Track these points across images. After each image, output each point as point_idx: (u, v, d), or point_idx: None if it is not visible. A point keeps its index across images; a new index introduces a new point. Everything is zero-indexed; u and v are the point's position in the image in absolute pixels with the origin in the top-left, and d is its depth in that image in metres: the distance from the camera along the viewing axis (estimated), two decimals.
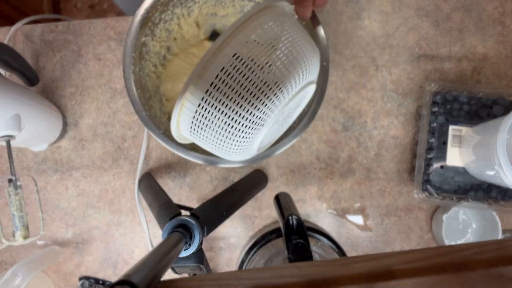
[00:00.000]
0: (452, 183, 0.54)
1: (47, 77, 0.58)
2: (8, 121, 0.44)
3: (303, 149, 0.58)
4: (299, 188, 0.59)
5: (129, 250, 0.59)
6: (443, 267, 0.16)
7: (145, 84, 0.48)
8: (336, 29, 0.59)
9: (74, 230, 0.59)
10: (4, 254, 0.59)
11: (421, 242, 0.59)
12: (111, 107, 0.58)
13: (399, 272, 0.16)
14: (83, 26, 0.58)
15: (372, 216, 0.59)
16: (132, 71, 0.44)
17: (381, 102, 0.58)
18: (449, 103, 0.55)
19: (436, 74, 0.58)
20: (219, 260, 0.59)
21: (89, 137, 0.58)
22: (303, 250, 0.37)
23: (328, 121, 0.58)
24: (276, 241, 0.54)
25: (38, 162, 0.58)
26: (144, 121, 0.45)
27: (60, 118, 0.56)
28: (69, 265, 0.59)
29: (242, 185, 0.51)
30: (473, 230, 0.58)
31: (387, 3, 0.59)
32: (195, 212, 0.37)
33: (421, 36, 0.58)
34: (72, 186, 0.59)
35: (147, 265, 0.21)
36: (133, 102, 0.44)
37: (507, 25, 0.58)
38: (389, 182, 0.58)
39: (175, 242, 0.30)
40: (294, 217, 0.39)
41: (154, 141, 0.58)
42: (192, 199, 0.59)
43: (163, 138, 0.44)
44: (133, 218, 0.59)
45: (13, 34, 0.58)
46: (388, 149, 0.58)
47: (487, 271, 0.16)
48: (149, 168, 0.59)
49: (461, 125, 0.54)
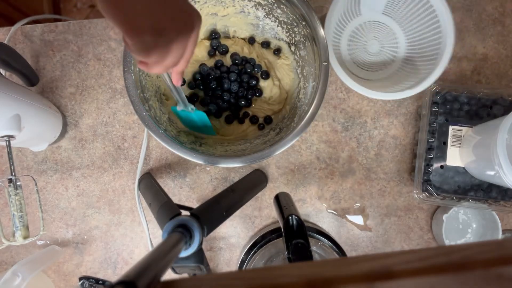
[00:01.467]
0: (452, 183, 0.54)
1: (47, 77, 0.58)
2: (8, 121, 0.44)
3: (303, 149, 0.58)
4: (299, 188, 0.59)
5: (129, 250, 0.59)
6: (443, 267, 0.16)
7: (145, 84, 0.48)
8: None
9: (74, 230, 0.59)
10: (4, 254, 0.59)
11: (421, 242, 0.59)
12: (111, 107, 0.58)
13: (399, 272, 0.16)
14: (83, 26, 0.58)
15: (372, 216, 0.59)
16: (132, 71, 0.44)
17: (381, 102, 0.58)
18: (449, 103, 0.55)
19: None
20: (219, 260, 0.59)
21: (89, 137, 0.58)
22: (303, 250, 0.37)
23: (328, 121, 0.58)
24: (276, 241, 0.54)
25: (38, 162, 0.58)
26: (144, 121, 0.44)
27: (60, 118, 0.56)
28: (69, 265, 0.59)
29: (242, 185, 0.51)
30: (473, 230, 0.58)
31: None
32: (195, 212, 0.37)
33: None
34: (72, 186, 0.59)
35: (147, 265, 0.21)
36: (133, 102, 0.44)
37: (507, 25, 0.58)
38: (389, 182, 0.58)
39: (175, 242, 0.30)
40: (294, 217, 0.39)
41: (154, 141, 0.58)
42: (192, 199, 0.59)
43: (163, 138, 0.44)
44: (133, 218, 0.59)
45: (13, 34, 0.58)
46: (388, 149, 0.58)
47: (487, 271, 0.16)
48: (149, 168, 0.59)
49: (461, 125, 0.54)
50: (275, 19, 0.51)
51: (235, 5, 0.51)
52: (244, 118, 0.55)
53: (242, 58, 0.54)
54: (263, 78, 0.55)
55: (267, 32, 0.54)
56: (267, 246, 0.54)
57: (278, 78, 0.55)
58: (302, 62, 0.52)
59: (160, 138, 0.45)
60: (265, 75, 0.55)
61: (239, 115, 0.55)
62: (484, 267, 0.16)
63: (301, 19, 0.47)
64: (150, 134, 0.49)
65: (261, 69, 0.55)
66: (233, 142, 0.53)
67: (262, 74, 0.55)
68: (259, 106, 0.55)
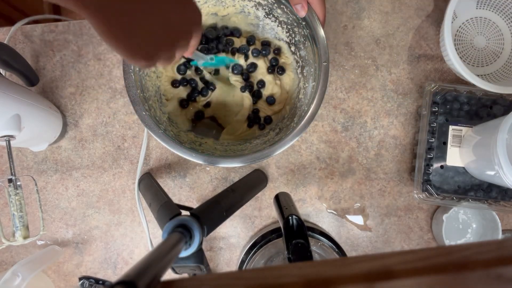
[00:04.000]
0: (452, 183, 0.54)
1: (47, 77, 0.58)
2: (8, 121, 0.44)
3: (303, 149, 0.58)
4: (299, 188, 0.59)
5: (129, 250, 0.59)
6: (443, 267, 0.16)
7: (145, 84, 0.48)
8: (336, 29, 0.59)
9: (74, 230, 0.59)
10: (4, 254, 0.59)
11: (421, 242, 0.59)
12: (111, 107, 0.58)
13: (399, 272, 0.16)
14: (83, 26, 0.58)
15: (372, 216, 0.59)
16: (132, 71, 0.44)
17: (381, 102, 0.58)
18: (449, 103, 0.55)
19: (436, 74, 0.58)
20: (219, 260, 0.59)
21: (89, 137, 0.58)
22: (303, 250, 0.37)
23: (328, 121, 0.58)
24: (276, 241, 0.54)
25: (38, 162, 0.58)
26: (144, 121, 0.44)
27: (60, 118, 0.56)
28: (69, 265, 0.59)
29: (242, 185, 0.51)
30: (473, 230, 0.58)
31: (387, 3, 0.59)
32: (195, 212, 0.37)
33: (421, 36, 0.58)
34: (72, 186, 0.59)
35: (147, 265, 0.21)
36: (132, 102, 0.44)
37: None
38: (389, 182, 0.58)
39: (175, 242, 0.30)
40: (294, 217, 0.39)
41: (154, 141, 0.58)
42: (192, 199, 0.59)
43: (163, 138, 0.44)
44: (133, 218, 0.59)
45: (13, 34, 0.58)
46: (388, 149, 0.58)
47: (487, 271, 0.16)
48: (149, 168, 0.59)
49: (461, 125, 0.54)
50: (275, 19, 0.51)
51: (235, 5, 0.51)
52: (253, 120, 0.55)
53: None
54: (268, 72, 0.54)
55: (267, 32, 0.54)
56: (267, 246, 0.54)
57: (279, 77, 0.55)
58: (302, 62, 0.52)
59: (160, 138, 0.45)
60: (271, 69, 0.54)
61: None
62: (484, 267, 0.16)
63: (301, 19, 0.47)
64: (150, 134, 0.49)
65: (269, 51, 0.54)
66: (233, 142, 0.53)
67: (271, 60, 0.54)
68: (260, 105, 0.55)
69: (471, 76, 0.50)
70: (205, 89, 0.54)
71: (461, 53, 0.58)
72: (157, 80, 0.52)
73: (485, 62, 0.58)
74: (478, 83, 0.50)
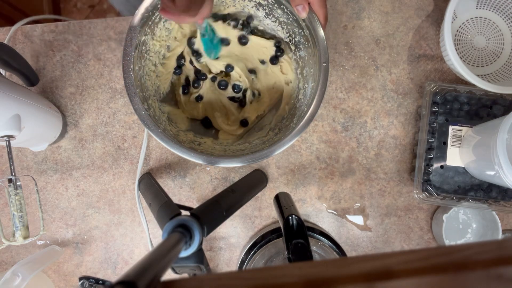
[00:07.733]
0: (452, 183, 0.54)
1: (47, 77, 0.58)
2: (8, 121, 0.44)
3: (303, 149, 0.58)
4: (299, 188, 0.59)
5: (129, 250, 0.59)
6: (443, 267, 0.16)
7: (145, 83, 0.48)
8: (336, 29, 0.59)
9: (74, 230, 0.59)
10: (4, 254, 0.59)
11: (421, 242, 0.59)
12: (111, 107, 0.58)
13: (399, 272, 0.16)
14: (83, 26, 0.58)
15: (372, 216, 0.59)
16: (132, 70, 0.44)
17: (381, 102, 0.58)
18: (449, 103, 0.55)
19: (436, 74, 0.58)
20: (219, 260, 0.59)
21: (89, 137, 0.58)
22: (303, 250, 0.37)
23: (328, 121, 0.58)
24: (276, 241, 0.54)
25: (38, 162, 0.58)
26: (144, 120, 0.44)
27: (60, 118, 0.56)
28: (69, 265, 0.59)
29: (242, 185, 0.51)
30: (473, 230, 0.58)
31: (387, 3, 0.59)
32: (195, 212, 0.37)
33: (421, 36, 0.58)
34: (72, 186, 0.59)
35: (147, 265, 0.21)
36: (132, 102, 0.44)
37: None
38: (389, 182, 0.58)
39: (175, 242, 0.30)
40: (294, 217, 0.39)
41: (154, 141, 0.58)
42: (192, 199, 0.59)
43: (162, 137, 0.44)
44: (133, 218, 0.59)
45: (13, 34, 0.58)
46: (388, 149, 0.58)
47: (487, 271, 0.16)
48: (149, 168, 0.59)
49: (461, 125, 0.54)
50: (275, 19, 0.51)
51: (235, 5, 0.51)
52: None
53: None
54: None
55: (267, 32, 0.54)
56: (267, 246, 0.54)
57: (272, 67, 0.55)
58: (301, 63, 0.52)
59: (159, 137, 0.45)
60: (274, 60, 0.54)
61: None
62: (484, 267, 0.16)
63: (302, 20, 0.47)
64: (150, 134, 0.49)
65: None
66: (232, 142, 0.53)
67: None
68: (247, 108, 0.56)
69: (471, 76, 0.50)
70: (197, 81, 0.54)
71: (461, 53, 0.58)
72: (156, 80, 0.52)
73: (485, 62, 0.58)
74: (478, 83, 0.50)
